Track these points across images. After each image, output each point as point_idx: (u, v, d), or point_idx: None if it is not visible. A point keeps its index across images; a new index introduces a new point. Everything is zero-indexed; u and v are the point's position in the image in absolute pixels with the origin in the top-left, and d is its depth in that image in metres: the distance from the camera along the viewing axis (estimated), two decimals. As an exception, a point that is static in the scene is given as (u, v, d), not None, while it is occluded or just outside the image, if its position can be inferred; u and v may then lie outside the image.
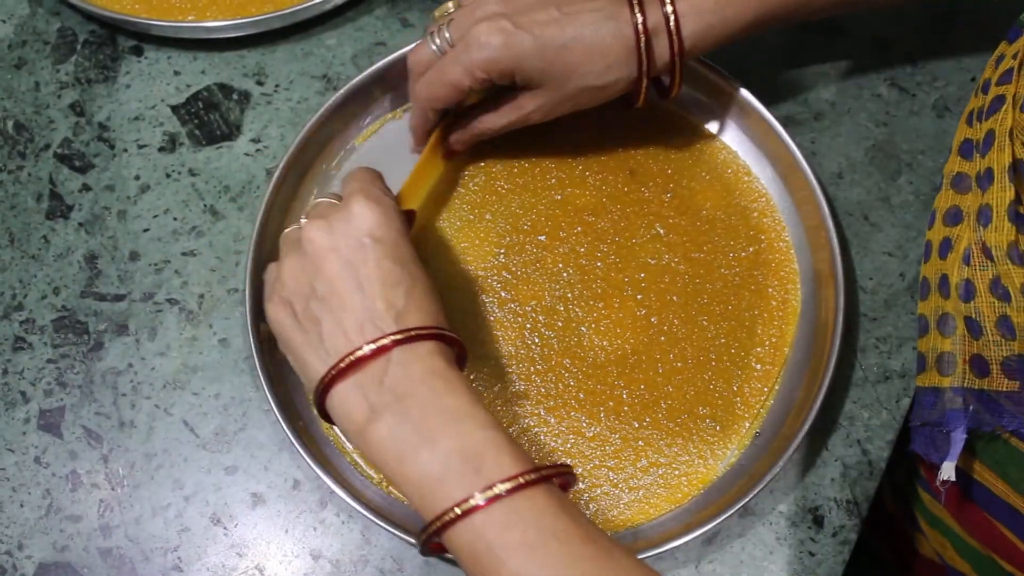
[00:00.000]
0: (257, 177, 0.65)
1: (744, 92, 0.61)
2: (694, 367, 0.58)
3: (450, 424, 0.44)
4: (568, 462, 0.56)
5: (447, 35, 0.54)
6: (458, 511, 0.42)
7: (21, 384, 0.61)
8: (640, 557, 0.52)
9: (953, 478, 0.52)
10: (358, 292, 0.47)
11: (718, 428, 0.57)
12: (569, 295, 0.59)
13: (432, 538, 0.44)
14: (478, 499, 0.42)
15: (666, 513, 0.56)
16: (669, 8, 0.52)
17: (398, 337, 0.46)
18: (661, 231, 0.61)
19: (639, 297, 0.59)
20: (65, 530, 0.58)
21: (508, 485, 0.42)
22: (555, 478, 0.44)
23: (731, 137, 0.63)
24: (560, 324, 0.59)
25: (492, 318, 0.59)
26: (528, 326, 0.59)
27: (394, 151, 0.64)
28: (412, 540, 0.53)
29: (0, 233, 0.64)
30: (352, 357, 0.46)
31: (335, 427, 0.55)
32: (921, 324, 0.55)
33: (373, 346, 0.46)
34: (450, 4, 0.57)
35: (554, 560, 0.41)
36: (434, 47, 0.55)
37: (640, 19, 0.52)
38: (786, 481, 0.57)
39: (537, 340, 0.59)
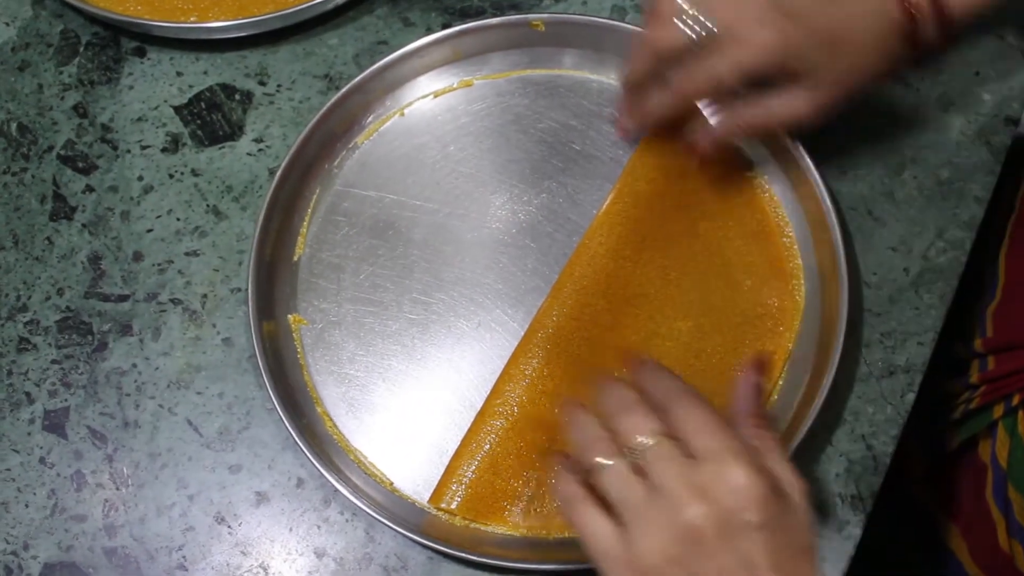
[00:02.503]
0: (260, 177, 0.65)
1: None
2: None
3: None
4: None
5: (707, 24, 0.50)
6: None
7: (26, 385, 0.61)
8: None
9: None
10: None
11: (722, 424, 0.57)
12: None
13: None
14: None
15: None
16: None
17: None
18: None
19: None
20: (70, 530, 0.58)
21: None
22: None
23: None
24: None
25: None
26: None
27: (396, 149, 0.64)
28: (416, 537, 0.53)
29: (4, 235, 0.65)
30: None
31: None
32: None
33: None
34: None
35: None
36: (689, 34, 0.51)
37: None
38: (791, 477, 0.57)
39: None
